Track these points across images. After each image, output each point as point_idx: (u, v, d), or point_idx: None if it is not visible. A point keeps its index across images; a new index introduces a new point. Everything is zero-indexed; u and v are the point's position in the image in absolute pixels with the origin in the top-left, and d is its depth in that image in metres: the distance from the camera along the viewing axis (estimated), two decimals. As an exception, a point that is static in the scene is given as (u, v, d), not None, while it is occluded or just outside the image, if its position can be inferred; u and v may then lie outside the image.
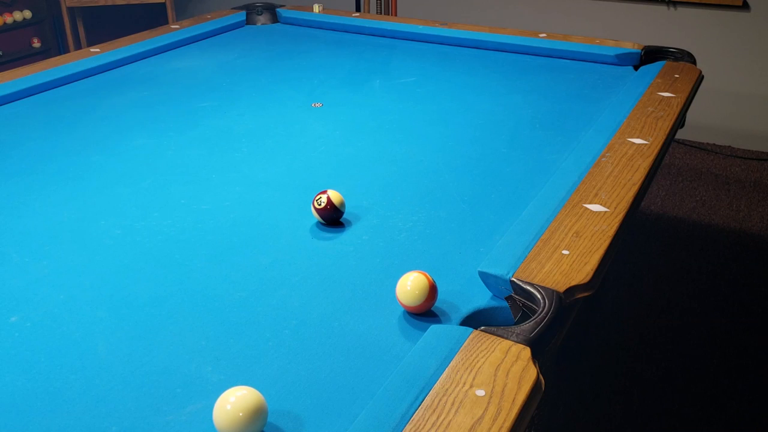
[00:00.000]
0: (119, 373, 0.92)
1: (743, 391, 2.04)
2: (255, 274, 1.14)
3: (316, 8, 2.78)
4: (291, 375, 0.92)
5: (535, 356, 0.89)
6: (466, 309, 1.04)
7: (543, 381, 0.86)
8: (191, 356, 0.95)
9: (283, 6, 2.88)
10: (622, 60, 2.22)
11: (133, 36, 2.46)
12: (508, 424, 0.78)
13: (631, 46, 2.25)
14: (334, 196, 1.27)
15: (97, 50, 2.31)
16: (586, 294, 1.04)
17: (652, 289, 2.52)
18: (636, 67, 2.20)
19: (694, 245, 2.81)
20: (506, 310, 1.05)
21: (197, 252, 1.21)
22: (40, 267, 1.17)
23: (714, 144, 3.80)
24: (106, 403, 0.87)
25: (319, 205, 1.27)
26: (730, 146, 3.77)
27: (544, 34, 2.42)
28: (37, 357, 0.96)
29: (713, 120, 3.77)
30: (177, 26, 2.60)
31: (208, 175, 1.51)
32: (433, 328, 0.95)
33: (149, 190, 1.44)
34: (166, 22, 4.82)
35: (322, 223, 1.29)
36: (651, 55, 2.21)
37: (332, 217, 1.28)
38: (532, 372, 0.85)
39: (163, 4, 4.82)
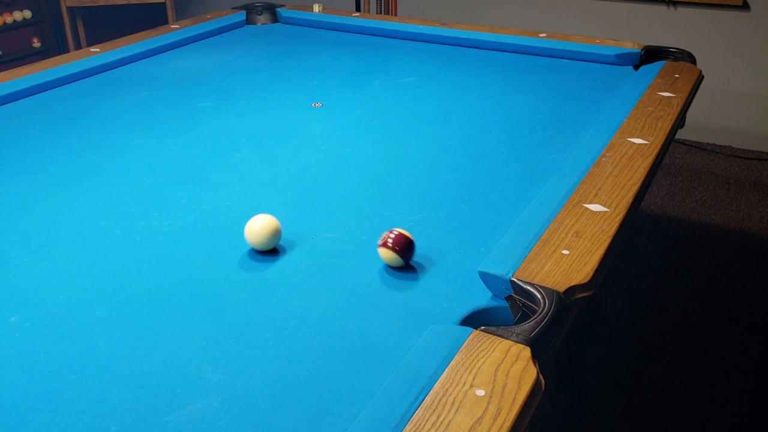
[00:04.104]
0: (119, 373, 0.92)
1: (743, 391, 2.04)
2: (255, 274, 1.14)
3: (316, 8, 2.78)
4: (291, 375, 0.92)
5: (535, 356, 0.89)
6: (466, 309, 1.04)
7: (543, 381, 0.86)
8: (191, 356, 0.95)
9: (283, 6, 2.88)
10: (622, 60, 2.22)
11: (133, 36, 2.46)
12: (508, 424, 0.78)
13: (631, 46, 2.25)
14: (402, 235, 1.14)
15: (97, 50, 2.31)
16: (586, 294, 1.04)
17: (652, 289, 2.52)
18: (636, 67, 2.20)
19: (694, 245, 2.81)
20: (506, 310, 1.05)
21: (197, 252, 1.21)
22: (40, 267, 1.17)
23: (714, 144, 3.80)
24: (106, 403, 0.87)
25: (391, 243, 1.13)
26: (730, 146, 3.77)
27: (544, 34, 2.42)
28: (37, 357, 0.96)
29: (713, 120, 3.77)
30: (177, 26, 2.60)
31: (208, 175, 1.51)
32: (433, 328, 0.95)
33: (149, 190, 1.44)
34: (166, 22, 4.82)
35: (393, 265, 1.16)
36: (651, 55, 2.21)
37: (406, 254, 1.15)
38: (532, 372, 0.85)
39: (163, 4, 4.82)
